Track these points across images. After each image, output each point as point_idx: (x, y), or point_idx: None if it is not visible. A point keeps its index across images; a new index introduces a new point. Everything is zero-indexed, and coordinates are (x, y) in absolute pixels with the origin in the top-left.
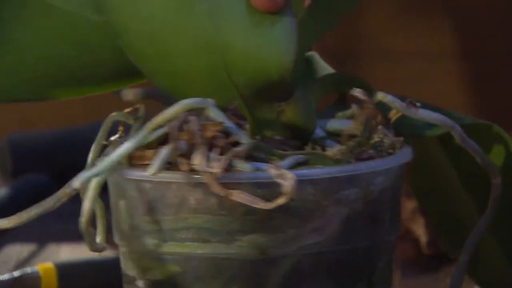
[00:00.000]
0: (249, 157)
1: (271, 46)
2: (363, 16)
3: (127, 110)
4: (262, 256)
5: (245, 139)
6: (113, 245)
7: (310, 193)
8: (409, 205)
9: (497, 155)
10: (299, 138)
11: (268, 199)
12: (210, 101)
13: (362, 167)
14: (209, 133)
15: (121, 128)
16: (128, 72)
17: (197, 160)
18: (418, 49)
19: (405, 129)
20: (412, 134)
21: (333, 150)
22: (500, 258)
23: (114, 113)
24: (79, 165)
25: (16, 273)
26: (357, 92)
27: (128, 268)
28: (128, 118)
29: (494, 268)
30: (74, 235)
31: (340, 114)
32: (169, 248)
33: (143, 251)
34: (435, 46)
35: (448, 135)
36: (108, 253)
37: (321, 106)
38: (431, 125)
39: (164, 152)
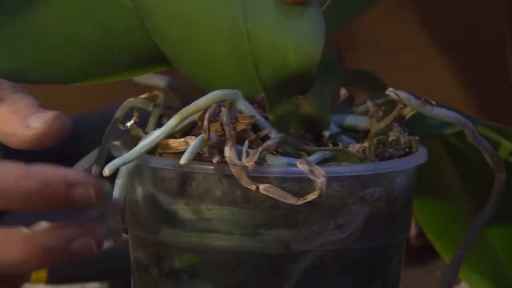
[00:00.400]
0: (276, 151)
1: (299, 37)
2: None
3: (144, 96)
4: (284, 250)
5: (274, 133)
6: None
7: (336, 190)
8: None
9: (503, 157)
10: (313, 132)
11: (294, 194)
12: (240, 93)
13: (387, 166)
14: (240, 126)
15: (136, 114)
16: (151, 59)
17: (228, 152)
18: (410, 42)
19: (417, 128)
20: (426, 134)
21: (356, 147)
22: (491, 256)
23: (131, 99)
24: (74, 154)
25: None
26: (391, 92)
27: (141, 256)
28: (146, 104)
29: (483, 265)
30: None
31: (354, 109)
32: (190, 238)
33: (160, 240)
34: (427, 39)
35: (452, 135)
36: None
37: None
38: (443, 124)
39: (196, 143)
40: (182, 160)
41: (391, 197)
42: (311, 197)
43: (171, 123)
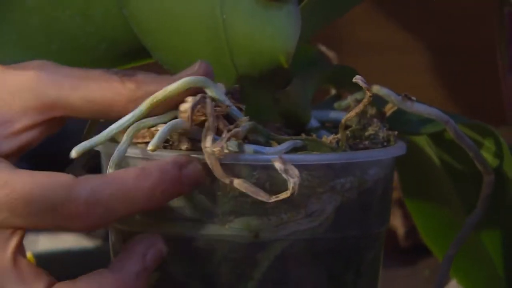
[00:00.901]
0: (246, 139)
1: (276, 29)
2: None
3: None
4: (254, 239)
5: (245, 121)
6: None
7: (306, 179)
8: None
9: (490, 154)
10: (293, 127)
11: (263, 182)
12: (210, 80)
13: (358, 156)
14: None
15: None
16: (132, 50)
17: (209, 141)
18: (394, 42)
19: (399, 125)
20: (407, 131)
21: (330, 138)
22: (481, 256)
23: None
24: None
25: None
26: (358, 79)
27: (117, 246)
28: None
29: (476, 266)
30: None
31: (336, 105)
32: (160, 227)
33: (132, 229)
34: (412, 39)
35: (439, 133)
36: (86, 243)
37: (319, 100)
38: (425, 122)
39: (164, 129)
40: (150, 146)
41: (364, 188)
42: (283, 196)
43: (140, 108)
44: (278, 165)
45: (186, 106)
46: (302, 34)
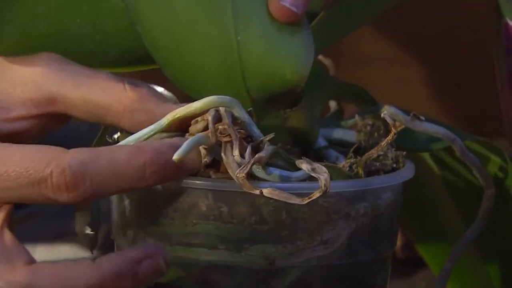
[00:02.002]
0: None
1: (289, 52)
2: None
3: None
4: (269, 266)
5: (266, 144)
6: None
7: (322, 206)
8: None
9: (492, 172)
10: (300, 145)
11: (281, 210)
12: (237, 101)
13: (373, 182)
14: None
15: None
16: (140, 59)
17: (234, 154)
18: (394, 55)
19: (406, 144)
20: (414, 149)
21: (346, 163)
22: (478, 268)
23: None
24: None
25: None
26: (387, 116)
27: None
28: None
29: (473, 279)
30: (49, 236)
31: (343, 123)
32: (175, 252)
33: None
34: (411, 52)
35: (442, 150)
36: (83, 254)
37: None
38: (431, 141)
39: (194, 138)
40: (175, 156)
41: (377, 213)
42: (316, 195)
43: (160, 122)
44: (305, 166)
45: (202, 123)
46: (317, 48)
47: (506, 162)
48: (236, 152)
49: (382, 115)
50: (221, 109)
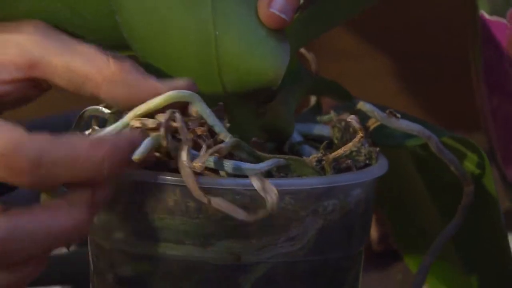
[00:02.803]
0: (229, 156)
1: (266, 50)
2: None
3: (103, 104)
4: (235, 261)
5: (228, 137)
6: None
7: (288, 203)
8: None
9: (470, 166)
10: (275, 141)
11: (246, 206)
12: (197, 95)
13: (342, 179)
14: (198, 131)
15: (94, 121)
16: (119, 46)
17: (185, 156)
18: (370, 49)
19: (382, 139)
20: (390, 145)
21: (312, 158)
22: (455, 264)
23: (89, 107)
24: None
25: None
26: (352, 119)
27: (98, 261)
28: (103, 113)
29: (447, 271)
30: None
31: (318, 119)
32: (141, 246)
33: (114, 247)
34: (387, 46)
35: (418, 146)
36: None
37: (298, 109)
38: (407, 136)
39: (148, 140)
40: (135, 155)
41: (346, 210)
42: (261, 214)
43: (123, 120)
44: (256, 183)
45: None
46: (294, 45)
47: (482, 159)
48: (184, 156)
49: (358, 106)
50: (177, 113)
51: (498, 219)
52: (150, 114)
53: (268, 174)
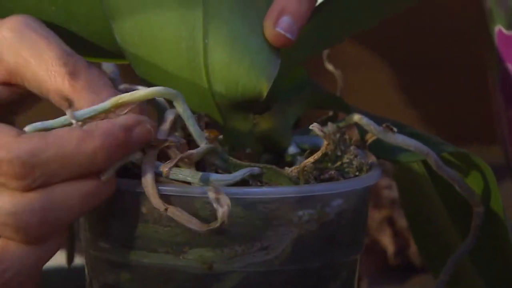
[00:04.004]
0: (204, 161)
1: (254, 63)
2: None
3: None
4: (208, 270)
5: (204, 142)
6: None
7: (260, 211)
8: (376, 216)
9: (477, 184)
10: (272, 152)
11: (207, 214)
12: (181, 95)
13: (315, 188)
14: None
15: None
16: (114, 52)
17: (145, 171)
18: (373, 59)
19: (380, 152)
20: (386, 159)
21: (290, 168)
22: (476, 282)
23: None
24: None
25: None
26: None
27: (88, 267)
28: None
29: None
30: None
31: (313, 131)
32: (119, 254)
33: (97, 255)
34: (390, 56)
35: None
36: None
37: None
38: (407, 150)
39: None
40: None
41: (325, 220)
42: (213, 225)
43: (103, 104)
44: (210, 194)
45: None
46: (295, 57)
47: (488, 176)
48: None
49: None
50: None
51: (507, 240)
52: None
53: (245, 183)
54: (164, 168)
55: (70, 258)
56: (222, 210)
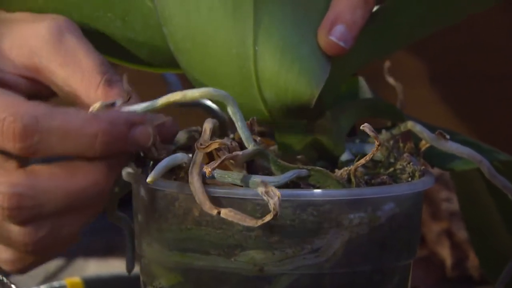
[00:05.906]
0: (257, 166)
1: (304, 69)
2: None
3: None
4: (259, 272)
5: (251, 145)
6: None
7: (310, 214)
8: (434, 228)
9: None
10: (326, 160)
11: (256, 216)
12: (232, 98)
13: (366, 192)
14: (213, 145)
15: None
16: (170, 58)
17: (193, 176)
18: (431, 73)
19: (434, 161)
20: (440, 167)
21: (339, 171)
22: None
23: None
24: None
25: (43, 287)
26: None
27: (142, 274)
28: None
29: None
30: (101, 250)
31: (370, 138)
32: (173, 257)
33: (151, 258)
34: (447, 70)
35: None
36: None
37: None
38: (460, 158)
39: (163, 162)
40: (149, 178)
41: (376, 224)
42: (267, 218)
43: (156, 102)
44: (260, 189)
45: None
46: (349, 65)
47: None
48: (195, 172)
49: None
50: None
51: None
52: None
53: (295, 186)
54: (208, 168)
55: (130, 265)
56: (273, 201)
